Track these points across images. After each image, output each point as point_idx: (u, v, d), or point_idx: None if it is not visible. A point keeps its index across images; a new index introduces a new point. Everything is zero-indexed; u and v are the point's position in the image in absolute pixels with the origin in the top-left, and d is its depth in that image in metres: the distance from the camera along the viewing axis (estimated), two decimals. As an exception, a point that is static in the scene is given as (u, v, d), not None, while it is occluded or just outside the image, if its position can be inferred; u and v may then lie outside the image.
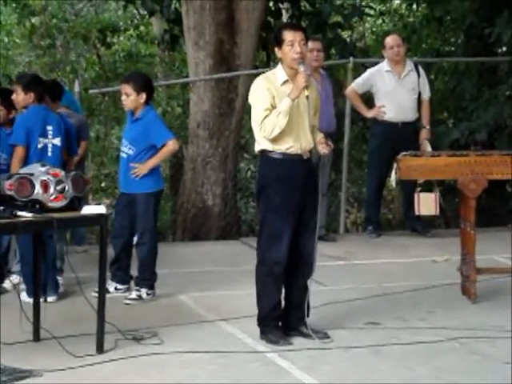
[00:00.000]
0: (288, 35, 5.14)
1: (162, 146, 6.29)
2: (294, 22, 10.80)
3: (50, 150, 6.26)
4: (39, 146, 6.21)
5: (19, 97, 6.31)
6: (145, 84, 6.32)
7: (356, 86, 8.51)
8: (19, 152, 6.16)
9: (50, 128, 6.26)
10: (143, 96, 6.25)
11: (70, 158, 6.61)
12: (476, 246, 6.08)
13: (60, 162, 6.20)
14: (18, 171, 5.43)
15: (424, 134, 8.40)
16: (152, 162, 6.27)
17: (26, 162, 6.11)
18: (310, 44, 7.93)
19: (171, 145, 6.34)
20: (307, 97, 5.11)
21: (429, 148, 8.18)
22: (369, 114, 8.50)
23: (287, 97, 5.10)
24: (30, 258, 5.60)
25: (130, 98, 6.28)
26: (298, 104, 5.13)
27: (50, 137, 6.26)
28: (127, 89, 6.28)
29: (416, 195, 6.68)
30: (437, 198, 6.69)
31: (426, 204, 6.72)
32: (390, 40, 8.47)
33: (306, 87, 5.10)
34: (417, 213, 6.80)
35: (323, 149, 5.28)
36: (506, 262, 7.22)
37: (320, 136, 5.35)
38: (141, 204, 6.30)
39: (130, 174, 6.28)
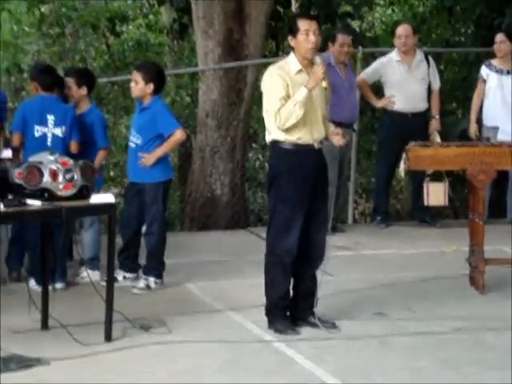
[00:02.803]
0: (303, 24, 5.10)
1: (169, 136, 6.29)
2: (303, 10, 10.79)
3: (49, 139, 6.23)
4: (37, 135, 6.21)
5: (29, 87, 6.36)
6: (155, 75, 6.30)
7: (366, 75, 8.49)
8: (14, 138, 6.23)
9: (51, 117, 6.22)
10: (151, 86, 6.25)
11: (101, 150, 6.55)
12: (484, 237, 6.07)
13: (62, 152, 6.16)
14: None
15: (434, 125, 8.38)
16: (159, 152, 6.27)
17: (23, 149, 6.16)
18: (341, 38, 7.98)
19: (178, 134, 6.33)
20: (325, 88, 5.10)
21: (438, 139, 8.16)
22: (378, 103, 8.49)
23: (304, 87, 5.06)
24: (38, 246, 5.61)
25: (138, 86, 6.28)
26: (311, 94, 5.11)
27: (50, 126, 6.24)
28: (137, 76, 6.28)
29: (425, 185, 6.67)
30: (446, 188, 6.67)
31: (435, 194, 6.69)
32: (399, 30, 8.44)
33: (324, 78, 5.08)
34: (425, 203, 6.79)
35: (339, 141, 5.25)
36: (514, 253, 7.21)
37: (332, 127, 5.32)
38: (149, 193, 6.30)
39: (139, 163, 6.29)
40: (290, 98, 5.07)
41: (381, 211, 8.71)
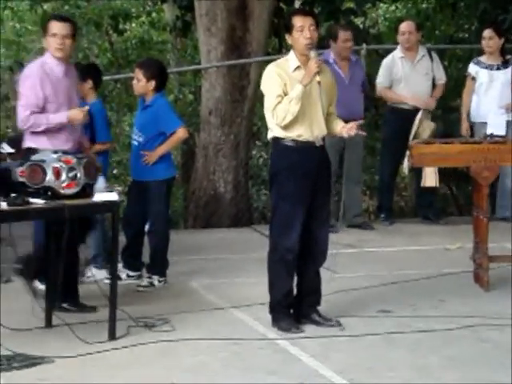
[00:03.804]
0: (297, 21, 5.11)
1: (172, 134, 6.29)
2: (305, 7, 10.76)
3: None
4: None
5: None
6: (156, 72, 6.30)
7: (383, 82, 8.39)
8: None
9: None
10: (152, 83, 6.24)
11: (99, 143, 6.55)
12: (489, 234, 6.05)
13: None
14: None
15: (427, 101, 8.25)
16: (161, 150, 6.27)
17: None
18: (343, 34, 7.98)
19: (180, 132, 6.33)
20: (319, 83, 5.07)
21: (416, 122, 8.01)
22: (411, 101, 8.32)
23: (299, 83, 5.07)
24: (42, 245, 5.61)
25: (140, 83, 6.28)
26: (310, 91, 5.10)
27: None
28: (138, 74, 6.29)
29: (423, 168, 6.68)
30: (436, 170, 6.74)
31: (429, 177, 6.79)
32: (403, 26, 8.45)
33: (318, 73, 5.07)
34: (422, 184, 6.84)
35: (343, 130, 5.19)
36: (518, 250, 7.19)
37: (341, 123, 5.27)
38: (153, 191, 6.30)
39: (141, 161, 6.28)
40: (287, 95, 5.06)
41: (385, 208, 8.70)
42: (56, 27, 5.55)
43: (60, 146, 5.51)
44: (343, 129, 5.22)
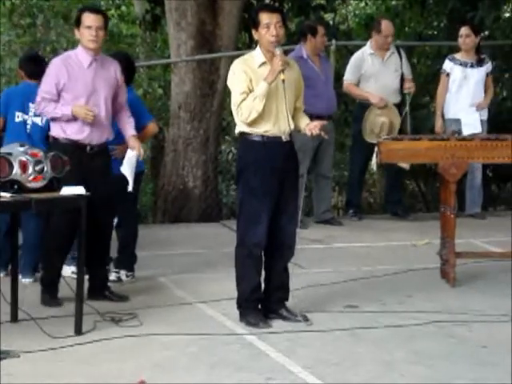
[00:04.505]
0: (264, 17, 5.09)
1: (142, 128, 6.25)
2: (273, 3, 10.78)
3: (28, 126, 6.26)
4: (17, 120, 6.25)
5: (18, 75, 6.62)
6: (125, 65, 6.26)
7: (350, 78, 8.44)
8: None
9: (32, 106, 6.22)
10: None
11: None
12: (456, 230, 6.10)
13: (41, 141, 6.16)
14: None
15: (406, 83, 8.35)
16: (131, 144, 6.23)
17: (4, 133, 6.23)
18: (322, 29, 8.03)
19: (151, 127, 6.31)
20: (283, 81, 5.05)
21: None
22: (374, 99, 8.34)
23: (263, 80, 5.05)
24: (6, 237, 5.59)
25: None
26: (276, 87, 5.08)
27: (30, 114, 6.25)
28: (107, 69, 6.24)
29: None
30: None
31: None
32: (386, 28, 8.41)
33: (283, 70, 5.05)
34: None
35: (311, 129, 5.19)
36: (484, 246, 7.25)
37: (307, 120, 5.26)
38: (121, 185, 6.25)
39: (111, 155, 6.23)
40: (252, 92, 5.05)
41: (354, 204, 8.73)
42: (90, 19, 5.64)
43: (73, 134, 5.64)
44: (306, 127, 5.22)
